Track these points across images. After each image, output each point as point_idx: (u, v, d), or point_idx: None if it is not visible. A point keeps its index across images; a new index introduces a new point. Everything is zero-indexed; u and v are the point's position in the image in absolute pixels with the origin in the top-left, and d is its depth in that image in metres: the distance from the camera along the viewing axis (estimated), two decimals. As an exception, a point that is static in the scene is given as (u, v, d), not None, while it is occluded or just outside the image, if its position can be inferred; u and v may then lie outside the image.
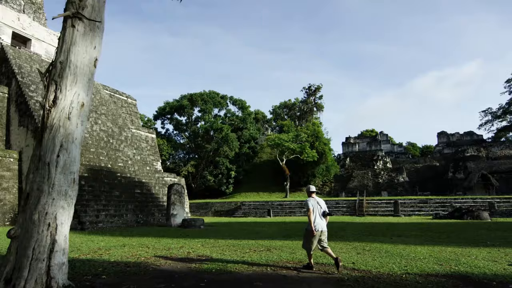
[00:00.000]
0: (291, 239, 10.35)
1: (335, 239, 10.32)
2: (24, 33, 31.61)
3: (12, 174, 20.42)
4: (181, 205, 19.01)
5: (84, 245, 9.36)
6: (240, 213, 32.40)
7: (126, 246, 8.95)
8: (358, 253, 7.79)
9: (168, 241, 10.21)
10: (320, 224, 6.26)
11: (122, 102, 36.61)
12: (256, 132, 57.38)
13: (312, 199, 6.47)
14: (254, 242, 9.68)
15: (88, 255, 7.53)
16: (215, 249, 8.31)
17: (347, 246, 8.97)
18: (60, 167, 3.28)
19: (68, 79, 3.43)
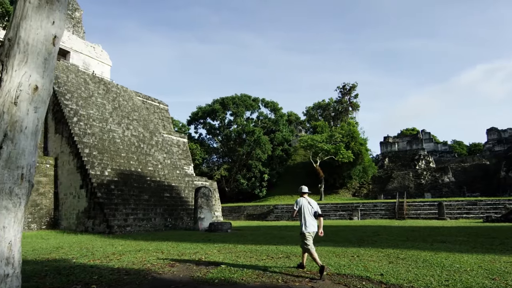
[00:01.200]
0: (317, 245, 9.37)
1: (365, 245, 9.28)
2: (63, 46, 33.22)
3: (48, 180, 21.21)
4: (209, 209, 18.62)
5: (101, 249, 9.11)
6: (273, 217, 31.61)
7: (141, 251, 8.56)
8: (390, 262, 6.76)
9: (186, 246, 9.72)
10: (311, 225, 6.05)
11: (154, 108, 37.34)
12: (289, 134, 56.32)
13: (303, 199, 6.25)
14: (275, 248, 8.92)
15: (98, 260, 7.18)
16: (230, 255, 7.66)
17: (378, 253, 7.92)
18: (3, 160, 2.78)
19: (16, 58, 2.95)
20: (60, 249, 9.44)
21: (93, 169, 19.37)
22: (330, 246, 9.08)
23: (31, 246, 10.24)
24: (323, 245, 9.26)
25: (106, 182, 19.12)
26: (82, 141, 21.10)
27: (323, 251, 8.17)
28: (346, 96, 62.45)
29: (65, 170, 21.03)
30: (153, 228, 18.25)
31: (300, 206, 6.18)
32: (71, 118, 22.59)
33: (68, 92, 25.42)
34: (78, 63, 33.80)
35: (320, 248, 8.72)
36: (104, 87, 30.84)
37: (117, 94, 31.34)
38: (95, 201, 17.68)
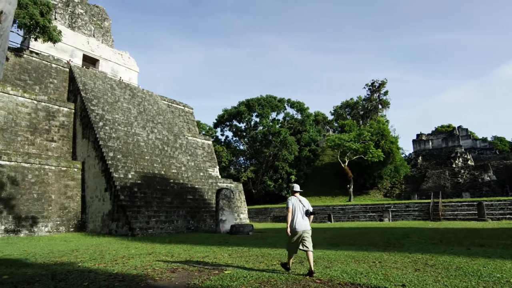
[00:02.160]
0: (337, 248, 8.74)
1: (391, 249, 8.44)
2: (92, 55, 34.45)
3: (76, 183, 21.75)
4: (230, 210, 18.24)
5: (113, 253, 8.92)
6: (299, 219, 30.75)
7: (151, 255, 8.27)
8: (417, 269, 5.95)
9: (200, 249, 9.33)
10: (301, 224, 5.91)
11: (179, 111, 37.73)
12: (316, 134, 55.07)
13: (294, 197, 6.19)
14: None
15: (103, 264, 6.92)
16: (240, 260, 7.16)
17: (404, 258, 7.09)
18: None
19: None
20: (75, 252, 9.36)
21: (117, 172, 19.60)
22: (351, 250, 8.33)
23: (49, 249, 10.28)
24: (343, 249, 8.54)
25: (130, 184, 19.28)
26: (107, 145, 21.47)
27: (342, 255, 7.46)
28: (375, 94, 60.31)
29: (91, 173, 21.49)
30: (175, 231, 18.13)
31: (293, 204, 6.09)
32: (97, 123, 23.10)
33: (94, 98, 26.09)
34: (106, 70, 34.86)
35: (339, 252, 8.01)
36: (130, 92, 31.47)
37: (142, 99, 31.88)
38: (118, 203, 17.83)
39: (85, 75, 29.12)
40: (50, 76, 28.03)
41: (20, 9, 24.62)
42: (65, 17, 34.49)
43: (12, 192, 18.63)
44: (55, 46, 30.52)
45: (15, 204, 18.44)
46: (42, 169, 20.54)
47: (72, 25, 34.62)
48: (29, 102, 23.97)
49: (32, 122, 23.52)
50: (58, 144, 24.20)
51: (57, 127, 24.74)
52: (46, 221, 19.17)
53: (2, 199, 18.02)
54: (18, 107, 23.33)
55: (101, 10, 40.34)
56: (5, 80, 25.03)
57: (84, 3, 37.70)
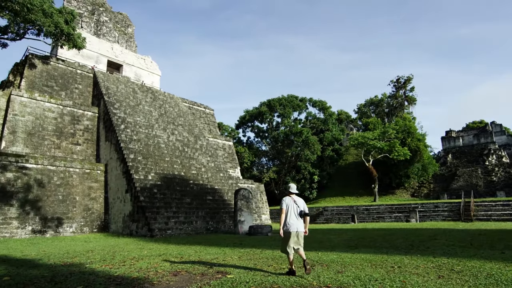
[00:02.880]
0: (354, 251, 8.23)
1: (414, 252, 7.85)
2: (116, 60, 35.35)
3: (99, 185, 22.22)
4: (249, 211, 17.97)
5: (126, 254, 8.86)
6: (322, 219, 30.07)
7: (161, 256, 8.14)
8: (440, 276, 5.39)
9: (212, 250, 9.10)
10: (295, 224, 5.87)
11: (200, 113, 37.98)
12: (339, 133, 53.91)
13: (289, 198, 6.15)
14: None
15: (110, 266, 6.84)
16: (249, 262, 6.87)
17: (428, 263, 6.51)
18: None
19: None
20: (89, 252, 9.40)
21: (137, 174, 19.83)
22: (370, 253, 7.80)
23: (67, 249, 10.39)
24: (361, 252, 8.03)
25: (149, 186, 19.44)
26: (128, 147, 21.80)
27: (358, 259, 6.98)
28: (401, 90, 58.30)
29: (113, 175, 21.89)
30: (194, 232, 18.07)
31: (287, 205, 6.07)
32: (118, 126, 23.53)
33: (117, 102, 26.64)
34: (130, 75, 35.66)
35: (356, 255, 7.51)
36: (151, 95, 31.96)
37: (163, 101, 32.29)
38: (138, 205, 17.99)
39: (108, 79, 29.83)
40: (75, 82, 28.90)
41: (46, 18, 25.51)
42: (90, 25, 35.59)
43: (39, 194, 19.25)
44: (81, 53, 31.62)
45: (42, 205, 19.04)
46: (67, 172, 21.12)
47: (98, 32, 35.67)
48: (55, 107, 24.78)
49: (58, 126, 24.29)
50: (82, 147, 24.86)
51: (82, 130, 25.43)
52: (71, 222, 19.67)
53: (29, 201, 18.65)
54: (45, 112, 24.16)
55: (124, 17, 41.34)
56: (34, 87, 26.02)
57: (109, 11, 38.77)
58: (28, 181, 19.15)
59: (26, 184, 18.98)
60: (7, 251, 10.11)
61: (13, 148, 21.44)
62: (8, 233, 17.16)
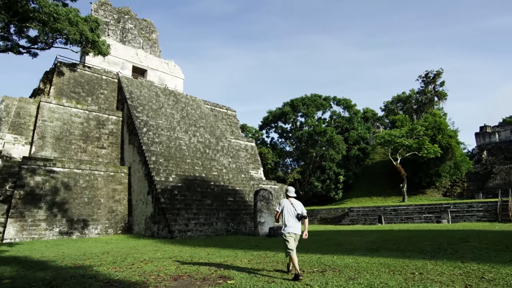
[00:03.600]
0: (374, 255, 7.69)
1: (440, 257, 7.21)
2: (141, 65, 36.20)
3: (123, 188, 22.64)
4: (269, 212, 17.63)
5: (138, 256, 8.79)
6: (348, 220, 29.18)
7: (172, 259, 8.00)
8: (468, 285, 4.79)
9: (225, 253, 8.86)
10: (293, 227, 5.93)
11: (222, 114, 38.07)
12: (365, 131, 52.39)
13: (286, 201, 6.24)
14: (317, 258, 7.46)
15: (116, 268, 6.79)
16: (258, 266, 6.60)
17: (454, 269, 5.89)
18: None
19: None
20: (104, 254, 9.43)
21: (158, 176, 20.00)
22: (390, 257, 7.24)
23: (84, 251, 10.51)
24: (382, 256, 7.48)
25: (170, 187, 19.55)
26: (149, 150, 22.08)
27: (376, 264, 6.46)
28: (430, 85, 55.91)
29: (136, 177, 22.23)
30: (214, 233, 17.95)
31: (282, 207, 6.14)
32: (141, 129, 23.91)
33: (140, 105, 27.13)
34: (154, 79, 36.38)
35: (374, 259, 6.99)
36: (174, 98, 32.37)
37: (186, 104, 32.61)
38: (159, 206, 18.11)
39: (132, 84, 30.49)
40: (101, 87, 29.76)
41: (72, 26, 26.42)
42: (116, 33, 36.67)
43: (66, 196, 19.85)
44: (108, 60, 32.71)
45: (68, 208, 19.61)
46: (92, 175, 21.67)
47: (123, 39, 36.70)
48: (82, 113, 25.57)
49: (84, 131, 25.04)
50: (107, 151, 25.48)
51: (107, 134, 26.07)
52: (96, 224, 20.14)
53: (56, 203, 19.26)
54: (72, 117, 24.98)
55: (149, 24, 42.32)
56: (62, 94, 27.00)
57: (134, 18, 39.81)
58: (56, 184, 19.79)
59: (53, 187, 19.63)
60: (29, 252, 10.37)
61: (42, 152, 22.29)
62: (37, 235, 17.78)
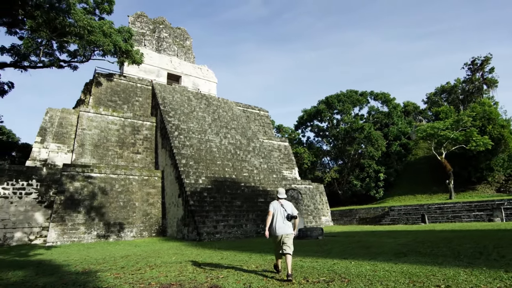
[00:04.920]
0: (399, 260, 6.88)
1: (479, 264, 6.26)
2: (175, 72, 37.21)
3: (156, 191, 23.16)
4: (299, 213, 16.99)
5: (152, 260, 8.73)
6: (388, 220, 27.60)
7: (182, 263, 7.87)
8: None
9: (239, 257, 8.50)
10: (282, 228, 6.15)
11: (254, 115, 37.93)
12: (405, 126, 49.55)
13: (276, 202, 6.42)
14: (332, 264, 6.80)
15: (119, 274, 6.82)
16: (261, 273, 6.14)
17: (494, 281, 4.97)
18: None
19: None
20: (122, 258, 9.50)
21: (188, 178, 20.16)
22: (417, 264, 6.39)
23: (108, 255, 10.67)
24: (408, 262, 6.66)
25: (200, 190, 19.61)
26: (180, 153, 22.38)
27: (396, 272, 5.71)
28: (478, 73, 51.71)
29: (168, 181, 22.63)
30: (243, 235, 17.68)
31: (273, 209, 6.33)
32: (172, 133, 24.36)
33: (172, 110, 27.71)
34: (188, 84, 37.19)
35: (398, 266, 6.22)
36: (205, 102, 32.75)
37: (217, 107, 32.85)
38: (188, 209, 18.21)
39: (165, 90, 31.29)
40: (136, 95, 30.86)
41: (105, 37, 27.64)
42: (152, 43, 38.02)
43: (103, 201, 20.66)
44: (144, 68, 34.09)
45: (105, 211, 20.38)
46: (127, 179, 22.38)
47: (159, 48, 37.96)
48: (117, 120, 26.61)
49: (120, 137, 26.02)
50: (142, 156, 26.27)
51: (141, 140, 26.91)
52: (131, 227, 20.73)
53: (94, 208, 20.09)
54: (108, 125, 26.06)
55: (183, 31, 43.47)
56: (100, 103, 28.31)
57: (168, 27, 41.08)
58: (93, 189, 20.67)
59: (91, 192, 20.51)
60: (57, 255, 10.75)
61: (82, 159, 23.44)
62: (76, 238, 18.64)
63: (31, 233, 19.78)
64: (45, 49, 29.39)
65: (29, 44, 27.81)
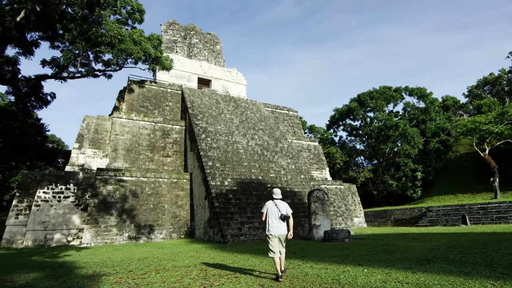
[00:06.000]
0: (419, 269, 6.29)
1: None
2: (205, 76, 37.93)
3: (185, 193, 23.54)
4: (325, 214, 16.49)
5: (165, 263, 8.80)
6: (425, 222, 26.10)
7: (190, 267, 7.81)
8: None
9: (251, 261, 8.34)
10: (277, 228, 6.14)
11: (283, 116, 37.64)
12: (444, 122, 46.80)
13: (271, 203, 6.41)
14: (340, 272, 6.36)
15: (121, 279, 6.86)
16: (260, 281, 5.85)
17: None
18: None
19: None
20: (137, 261, 9.67)
21: (214, 180, 20.29)
22: (440, 273, 5.75)
23: (128, 257, 10.89)
24: (429, 271, 6.07)
25: (225, 191, 19.66)
26: (207, 155, 22.61)
27: (411, 284, 5.16)
28: (526, 61, 47.74)
29: (196, 183, 22.94)
30: (268, 237, 17.44)
31: (266, 209, 6.37)
32: (199, 135, 24.69)
33: (200, 113, 28.14)
34: (218, 88, 37.74)
35: (414, 276, 5.68)
36: (234, 104, 32.95)
37: (245, 108, 32.92)
38: (213, 210, 18.30)
39: (194, 94, 31.87)
40: (166, 100, 31.71)
41: (135, 45, 28.67)
42: (183, 49, 39.07)
43: (133, 203, 21.34)
44: (175, 74, 35.17)
45: (136, 214, 21.02)
46: (157, 182, 22.96)
47: (190, 54, 38.92)
48: (148, 124, 27.44)
49: (151, 141, 26.80)
50: (172, 159, 26.87)
51: (171, 143, 27.54)
52: (161, 229, 21.21)
53: (125, 210, 20.79)
54: (140, 130, 26.94)
55: (213, 36, 44.32)
56: (132, 109, 29.37)
57: (199, 33, 42.07)
58: (125, 192, 21.41)
59: (123, 195, 21.25)
60: (81, 257, 11.16)
61: (115, 164, 24.38)
62: (109, 239, 19.37)
63: (69, 235, 20.86)
64: (82, 59, 31.05)
65: (68, 55, 29.55)
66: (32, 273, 7.32)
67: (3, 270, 7.94)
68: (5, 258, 11.20)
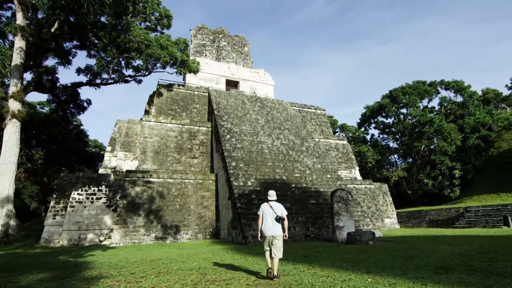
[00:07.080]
0: (432, 280, 5.75)
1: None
2: (233, 78, 38.34)
3: (211, 194, 23.78)
4: (349, 215, 15.98)
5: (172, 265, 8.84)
6: (463, 223, 24.55)
7: (193, 270, 7.83)
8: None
9: (262, 266, 8.05)
10: (270, 230, 6.21)
11: (310, 115, 37.11)
12: (485, 116, 43.81)
13: (266, 204, 6.44)
14: (341, 281, 6.04)
15: (118, 282, 6.79)
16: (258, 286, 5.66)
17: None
18: None
19: None
20: (150, 262, 9.79)
21: (237, 181, 20.33)
22: (456, 285, 5.30)
23: (145, 258, 11.08)
24: (446, 281, 5.57)
25: (248, 192, 19.62)
26: (231, 155, 22.71)
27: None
28: None
29: (220, 184, 23.10)
30: (291, 239, 17.15)
31: (262, 212, 6.44)
32: (224, 136, 24.87)
33: (225, 114, 28.36)
34: (246, 89, 37.97)
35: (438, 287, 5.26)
36: (259, 104, 32.91)
37: (271, 108, 32.78)
38: (236, 211, 18.32)
39: (220, 95, 32.19)
40: (193, 102, 32.31)
41: (162, 50, 29.46)
42: (212, 52, 39.71)
43: (160, 204, 21.87)
44: (204, 77, 35.93)
45: (162, 214, 21.54)
46: (183, 183, 23.39)
47: (218, 57, 39.52)
48: (176, 127, 28.06)
49: (178, 143, 27.38)
50: (198, 160, 27.28)
51: (198, 145, 27.98)
52: (187, 229, 21.57)
53: (153, 211, 21.36)
54: (167, 132, 27.61)
55: (241, 38, 44.73)
56: (161, 112, 30.17)
57: (227, 36, 42.64)
58: (152, 193, 22.01)
59: (150, 196, 21.86)
60: (102, 257, 11.55)
61: (144, 166, 25.14)
62: (137, 240, 19.99)
63: (101, 235, 21.77)
64: (114, 66, 32.37)
65: (101, 62, 30.95)
66: (42, 274, 7.63)
67: (22, 269, 8.37)
68: (35, 257, 11.85)
